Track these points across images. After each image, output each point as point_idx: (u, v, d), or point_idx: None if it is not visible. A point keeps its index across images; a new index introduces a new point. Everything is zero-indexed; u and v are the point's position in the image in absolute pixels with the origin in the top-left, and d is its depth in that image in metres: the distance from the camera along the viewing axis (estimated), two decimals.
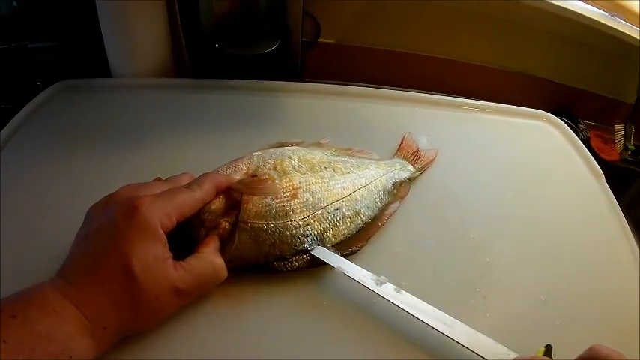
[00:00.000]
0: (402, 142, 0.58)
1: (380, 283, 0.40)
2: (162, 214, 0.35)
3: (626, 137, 0.89)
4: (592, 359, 0.33)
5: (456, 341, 0.36)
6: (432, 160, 0.57)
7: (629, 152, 0.89)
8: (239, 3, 0.64)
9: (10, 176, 0.48)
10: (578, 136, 0.68)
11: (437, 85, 0.66)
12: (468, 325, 0.37)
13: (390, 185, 0.50)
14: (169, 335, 0.36)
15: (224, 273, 0.38)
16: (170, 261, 0.35)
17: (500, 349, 0.36)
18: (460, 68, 0.84)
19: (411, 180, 0.53)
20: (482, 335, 0.36)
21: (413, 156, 0.56)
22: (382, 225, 0.47)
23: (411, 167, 0.54)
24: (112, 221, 0.34)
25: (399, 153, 0.56)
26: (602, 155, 0.86)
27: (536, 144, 0.65)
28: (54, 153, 0.51)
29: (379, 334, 0.39)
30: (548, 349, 0.37)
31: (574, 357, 0.34)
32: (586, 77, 0.89)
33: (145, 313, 0.34)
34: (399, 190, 0.51)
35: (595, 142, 0.89)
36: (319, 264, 0.42)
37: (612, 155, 0.88)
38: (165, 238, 0.35)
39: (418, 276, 0.44)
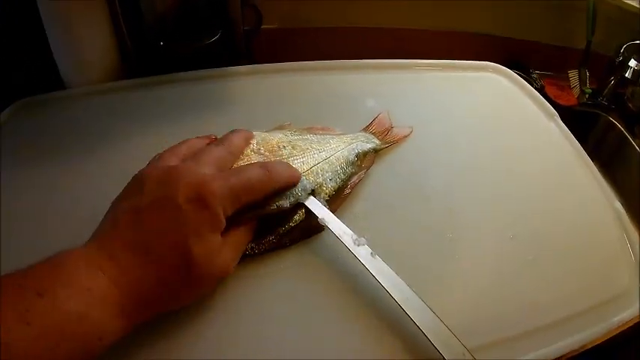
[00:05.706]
0: (374, 119, 0.58)
1: (358, 244, 0.39)
2: (228, 202, 0.34)
3: (582, 81, 0.90)
4: None
5: (414, 322, 0.34)
6: (404, 137, 0.57)
7: (587, 96, 0.90)
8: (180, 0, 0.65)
9: None
10: (533, 86, 0.70)
11: (384, 56, 0.68)
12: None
13: (352, 157, 0.50)
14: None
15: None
16: (224, 250, 0.34)
17: (456, 344, 0.33)
18: (406, 35, 0.86)
19: (376, 151, 0.53)
20: (442, 325, 0.34)
21: (383, 133, 0.56)
22: (347, 196, 0.48)
23: (375, 140, 0.54)
24: (174, 202, 0.31)
25: (368, 128, 0.56)
26: (559, 101, 0.88)
27: (486, 94, 0.67)
28: (21, 173, 0.51)
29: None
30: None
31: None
32: (533, 28, 0.90)
33: (188, 298, 0.34)
34: (362, 161, 0.51)
35: (550, 90, 0.90)
36: (278, 247, 0.42)
37: (570, 100, 0.89)
38: (224, 225, 0.34)
39: (381, 228, 0.45)
